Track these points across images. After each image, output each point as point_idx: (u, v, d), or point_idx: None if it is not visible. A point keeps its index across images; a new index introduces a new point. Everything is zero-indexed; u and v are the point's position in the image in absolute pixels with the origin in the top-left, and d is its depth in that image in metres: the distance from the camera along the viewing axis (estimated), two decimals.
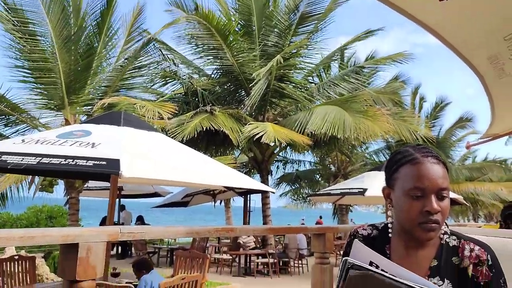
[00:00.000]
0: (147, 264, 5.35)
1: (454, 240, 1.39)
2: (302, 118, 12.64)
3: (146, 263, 5.42)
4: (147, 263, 5.44)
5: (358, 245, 1.02)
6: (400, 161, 1.38)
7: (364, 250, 1.04)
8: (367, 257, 1.01)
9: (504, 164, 26.99)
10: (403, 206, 1.34)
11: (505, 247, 1.67)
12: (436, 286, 0.89)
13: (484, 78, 4.39)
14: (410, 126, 13.33)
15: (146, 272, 5.05)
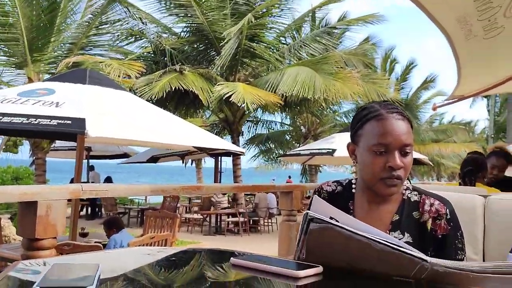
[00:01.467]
0: (118, 223, 5.31)
1: (415, 195, 1.42)
2: (273, 79, 12.57)
3: (117, 221, 5.38)
4: (118, 221, 5.39)
5: (318, 200, 1.02)
6: (365, 117, 1.39)
7: (324, 206, 1.05)
8: (327, 212, 1.02)
9: (468, 126, 27.80)
10: (367, 162, 1.35)
11: (462, 201, 1.73)
12: (394, 239, 0.91)
13: (452, 39, 4.42)
14: (379, 89, 13.44)
15: (116, 231, 5.03)
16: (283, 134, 21.20)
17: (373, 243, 0.86)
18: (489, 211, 1.70)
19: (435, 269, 0.84)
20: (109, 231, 5.13)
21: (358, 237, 0.88)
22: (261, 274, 0.91)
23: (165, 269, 0.97)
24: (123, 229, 5.14)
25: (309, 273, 0.89)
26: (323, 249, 0.96)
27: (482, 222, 1.70)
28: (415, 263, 0.85)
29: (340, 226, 0.90)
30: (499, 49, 4.42)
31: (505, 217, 1.64)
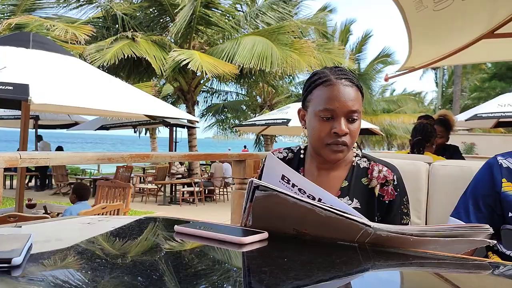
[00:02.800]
0: (82, 192, 5.04)
1: (364, 162, 1.44)
2: (230, 48, 12.39)
3: (82, 190, 5.11)
4: (83, 190, 5.11)
5: (272, 159, 1.01)
6: (314, 83, 1.38)
7: (278, 165, 1.04)
8: (280, 171, 1.01)
9: (418, 97, 28.72)
10: (313, 127, 1.35)
11: (408, 168, 1.78)
12: (341, 203, 0.91)
13: (403, 10, 4.47)
14: (335, 59, 13.55)
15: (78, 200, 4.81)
16: (239, 104, 21.11)
17: (318, 209, 0.86)
18: (433, 177, 1.76)
19: (378, 233, 0.85)
20: (74, 199, 4.92)
21: (302, 203, 0.87)
22: (205, 241, 0.89)
23: (103, 238, 0.93)
24: (85, 201, 4.93)
25: (254, 239, 0.88)
26: (269, 216, 0.95)
27: (426, 187, 1.76)
28: (359, 228, 0.86)
29: (285, 193, 0.89)
30: (448, 21, 4.52)
31: (447, 183, 1.70)
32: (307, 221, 0.91)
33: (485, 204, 1.41)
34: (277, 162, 0.98)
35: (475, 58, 7.93)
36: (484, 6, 4.20)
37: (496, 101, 8.60)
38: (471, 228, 0.91)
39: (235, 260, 0.82)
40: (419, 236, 0.86)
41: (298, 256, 0.83)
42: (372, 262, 0.82)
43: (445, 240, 0.88)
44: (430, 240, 0.88)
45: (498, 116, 8.08)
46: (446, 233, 0.88)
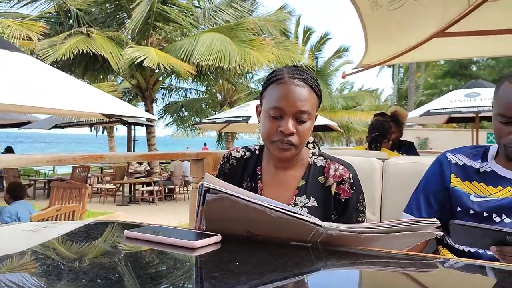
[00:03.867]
0: (18, 191, 4.81)
1: (321, 160, 1.45)
2: (188, 45, 12.25)
3: (18, 189, 4.86)
4: (18, 189, 4.87)
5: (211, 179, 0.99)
6: (270, 80, 1.38)
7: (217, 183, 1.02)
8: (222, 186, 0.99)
9: (374, 94, 29.45)
10: (264, 124, 1.36)
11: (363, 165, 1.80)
12: (289, 206, 0.91)
13: (359, 9, 4.56)
14: (293, 56, 13.66)
15: (13, 201, 4.58)
16: (198, 101, 20.92)
17: (269, 210, 0.85)
18: (387, 173, 1.79)
19: (329, 233, 0.85)
20: (10, 199, 4.69)
21: (253, 205, 0.86)
22: (156, 246, 0.87)
23: (47, 247, 0.89)
24: (22, 200, 4.70)
25: (206, 242, 0.86)
26: (222, 218, 0.94)
27: (380, 184, 1.80)
28: (311, 228, 0.86)
29: (235, 195, 0.88)
30: (402, 20, 4.63)
31: (400, 179, 1.74)
32: (260, 223, 0.91)
33: (435, 199, 1.45)
34: (216, 181, 0.96)
35: (428, 56, 8.16)
36: (435, 6, 4.34)
37: (447, 97, 8.89)
38: (419, 222, 0.93)
39: (186, 265, 0.80)
40: (369, 233, 0.87)
41: (250, 259, 0.82)
42: (324, 262, 0.83)
43: (394, 235, 0.89)
44: (381, 236, 0.89)
45: (449, 112, 8.35)
46: (395, 228, 0.89)
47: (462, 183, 1.42)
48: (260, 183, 1.45)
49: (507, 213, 1.32)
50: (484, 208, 1.34)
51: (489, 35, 4.61)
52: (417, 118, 9.37)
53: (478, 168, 1.43)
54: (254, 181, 1.46)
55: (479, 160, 1.44)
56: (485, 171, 1.41)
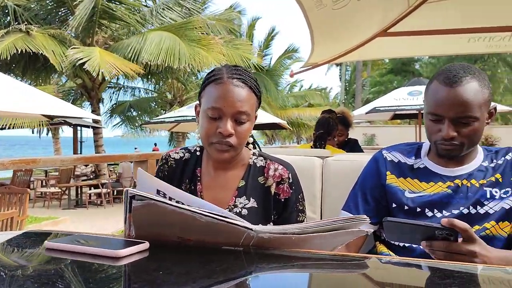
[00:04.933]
0: None
1: (261, 161, 1.44)
2: (135, 43, 11.97)
3: None
4: None
5: (143, 174, 0.95)
6: (208, 80, 1.35)
7: (150, 179, 0.99)
8: (154, 186, 0.96)
9: (323, 92, 30.01)
10: (202, 125, 1.33)
11: (304, 164, 1.81)
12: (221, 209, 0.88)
13: (304, 8, 4.60)
14: (243, 55, 13.66)
15: None
16: (148, 101, 20.51)
17: (198, 215, 0.83)
18: (327, 171, 1.81)
19: (260, 236, 0.84)
20: None
21: (181, 210, 0.84)
22: (78, 257, 0.82)
23: None
24: None
25: (131, 251, 0.82)
26: (151, 225, 0.90)
27: (320, 182, 1.81)
28: (242, 232, 0.84)
29: (162, 201, 0.85)
30: (346, 20, 4.71)
31: (340, 177, 1.76)
32: (190, 229, 0.88)
33: (372, 196, 1.47)
34: (149, 176, 0.93)
35: (372, 55, 8.39)
36: (377, 6, 4.45)
37: (391, 95, 9.20)
38: (350, 220, 0.93)
39: (107, 276, 0.76)
40: (301, 234, 0.86)
41: (177, 267, 0.79)
42: (254, 266, 0.81)
43: (326, 234, 0.89)
44: (313, 236, 0.89)
45: (394, 109, 8.65)
46: (326, 227, 0.89)
47: (397, 179, 1.45)
48: (199, 185, 1.42)
49: (438, 208, 1.35)
50: (417, 203, 1.38)
51: (428, 35, 4.79)
52: (363, 115, 9.64)
53: (412, 165, 1.46)
54: (193, 183, 1.43)
55: (412, 157, 1.48)
56: (418, 167, 1.45)
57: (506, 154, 1.41)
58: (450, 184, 1.37)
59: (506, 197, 1.33)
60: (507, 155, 1.40)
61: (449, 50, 6.65)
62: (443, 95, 1.31)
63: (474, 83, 1.30)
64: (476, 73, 1.32)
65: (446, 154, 1.37)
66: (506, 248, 1.32)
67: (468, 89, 1.28)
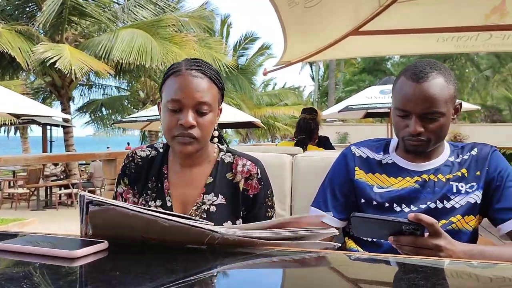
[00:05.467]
0: None
1: (229, 157, 1.42)
2: (107, 41, 11.74)
3: None
4: None
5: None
6: (168, 73, 1.33)
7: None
8: None
9: (297, 91, 30.22)
10: (163, 118, 1.31)
11: (274, 160, 1.80)
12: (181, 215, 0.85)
13: (276, 6, 4.60)
14: (216, 54, 13.59)
15: None
16: (120, 99, 20.19)
17: (160, 219, 0.80)
18: (296, 168, 1.80)
19: (225, 237, 0.82)
20: None
21: (143, 215, 0.80)
22: (31, 258, 0.78)
23: None
24: None
25: (88, 251, 0.79)
26: (110, 226, 0.87)
27: (290, 179, 1.80)
28: (206, 234, 0.81)
29: (122, 206, 0.81)
30: (319, 18, 4.73)
31: (309, 174, 1.75)
32: (153, 231, 0.85)
33: (341, 192, 1.47)
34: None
35: (345, 54, 8.46)
36: (349, 5, 4.48)
37: (364, 93, 9.31)
38: (316, 230, 0.92)
39: (60, 278, 0.72)
40: (266, 240, 0.85)
41: (136, 266, 0.76)
42: (218, 264, 0.79)
43: (292, 243, 0.88)
44: (279, 243, 0.87)
45: (366, 108, 8.75)
46: (293, 235, 0.88)
47: (365, 175, 1.45)
48: (166, 183, 1.39)
49: (406, 203, 1.36)
50: (386, 198, 1.38)
51: (399, 34, 4.86)
52: (336, 113, 9.72)
53: (380, 160, 1.46)
54: (160, 181, 1.40)
55: (381, 152, 1.49)
56: (386, 163, 1.45)
57: (472, 149, 1.42)
58: (418, 179, 1.38)
59: (472, 191, 1.35)
60: (473, 150, 1.42)
61: (419, 49, 6.77)
62: (410, 90, 1.31)
63: (440, 79, 1.31)
64: (442, 69, 1.33)
65: (414, 150, 1.37)
66: (471, 241, 1.34)
67: (434, 84, 1.29)
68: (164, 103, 1.31)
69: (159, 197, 1.38)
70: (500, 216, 1.31)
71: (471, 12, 4.59)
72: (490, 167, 1.36)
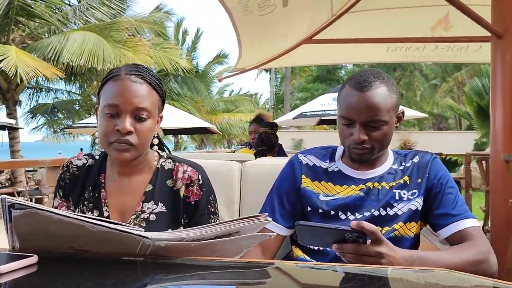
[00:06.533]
0: None
1: (169, 163, 1.39)
2: (57, 43, 11.36)
3: None
4: None
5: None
6: (106, 77, 1.29)
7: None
8: None
9: (254, 97, 30.36)
10: (100, 124, 1.26)
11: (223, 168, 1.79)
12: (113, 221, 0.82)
13: (231, 13, 4.60)
14: (172, 58, 13.44)
15: None
16: (71, 103, 19.53)
17: (87, 224, 0.76)
18: (245, 175, 1.79)
19: (157, 244, 0.79)
20: None
21: (69, 219, 0.76)
22: None
23: None
24: None
25: (14, 266, 0.74)
26: (39, 235, 0.82)
27: (238, 186, 1.79)
28: (137, 240, 0.78)
29: (46, 210, 0.77)
30: (273, 26, 4.78)
31: (257, 181, 1.75)
32: (82, 238, 0.81)
33: (288, 200, 1.47)
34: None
35: (299, 61, 8.60)
36: (303, 13, 4.55)
37: (318, 101, 9.48)
38: (250, 220, 0.90)
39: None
40: (200, 240, 0.82)
41: (66, 281, 0.72)
42: (150, 278, 0.76)
43: (227, 239, 0.85)
44: (214, 242, 0.84)
45: (320, 115, 8.90)
46: (226, 229, 0.85)
47: (312, 183, 1.46)
48: (103, 192, 1.34)
49: (351, 211, 1.38)
50: (331, 206, 1.39)
51: (351, 43, 4.98)
52: (291, 120, 9.83)
53: (327, 168, 1.48)
54: (97, 190, 1.35)
55: (327, 160, 1.50)
56: (332, 170, 1.47)
57: (414, 157, 1.46)
58: (363, 187, 1.40)
59: (413, 198, 1.38)
60: (415, 158, 1.46)
61: (371, 58, 6.97)
62: (353, 99, 1.33)
63: (383, 88, 1.33)
64: (385, 79, 1.36)
65: (358, 158, 1.39)
66: (413, 247, 1.38)
67: (377, 93, 1.32)
68: (101, 108, 1.26)
69: (96, 207, 1.33)
70: (440, 222, 1.36)
71: (418, 24, 4.78)
72: (430, 174, 1.41)
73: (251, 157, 3.42)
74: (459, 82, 22.84)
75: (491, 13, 3.42)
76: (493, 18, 3.39)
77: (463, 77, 21.74)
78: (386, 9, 4.73)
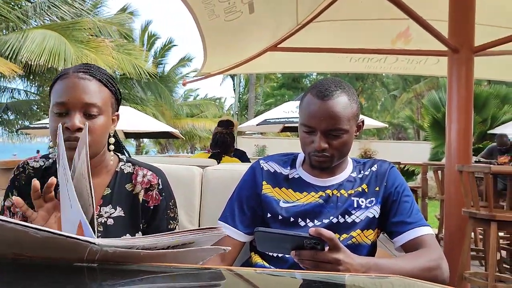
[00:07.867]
0: None
1: (129, 167, 1.37)
2: (15, 40, 10.99)
3: None
4: None
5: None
6: (55, 78, 1.27)
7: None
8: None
9: (218, 102, 30.32)
10: (49, 124, 1.23)
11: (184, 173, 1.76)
12: None
13: (196, 17, 4.58)
14: (135, 61, 13.24)
15: None
16: (28, 103, 18.86)
17: (31, 230, 0.72)
18: (206, 181, 1.78)
19: (105, 250, 0.76)
20: None
21: (11, 225, 0.72)
22: None
23: None
24: None
25: None
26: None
27: (199, 191, 1.77)
28: (84, 246, 0.75)
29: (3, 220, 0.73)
30: (239, 32, 4.78)
31: (219, 187, 1.73)
32: (26, 245, 0.77)
33: (248, 206, 1.47)
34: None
35: (264, 68, 8.65)
36: (268, 21, 4.58)
37: (281, 108, 9.56)
38: (204, 232, 0.88)
39: None
40: (151, 249, 0.80)
41: None
42: (97, 284, 0.73)
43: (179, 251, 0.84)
44: (164, 253, 0.82)
45: (283, 122, 8.98)
46: (180, 239, 0.83)
47: (272, 189, 1.46)
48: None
49: (310, 218, 1.39)
50: (291, 213, 1.40)
51: (315, 52, 5.05)
52: (255, 126, 9.86)
53: (287, 175, 1.49)
54: None
55: (288, 167, 1.51)
56: (293, 177, 1.48)
57: (372, 166, 1.49)
58: (322, 194, 1.42)
59: (371, 206, 1.41)
60: (373, 167, 1.49)
61: (334, 68, 7.10)
62: (315, 107, 1.35)
63: (344, 97, 1.36)
64: (346, 88, 1.38)
65: (318, 166, 1.41)
66: (370, 254, 1.40)
67: (338, 102, 1.34)
68: (50, 108, 1.24)
69: None
70: (396, 230, 1.38)
71: (380, 36, 4.91)
72: (387, 183, 1.44)
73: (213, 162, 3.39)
74: (418, 94, 23.60)
75: (448, 29, 3.55)
76: (450, 33, 3.52)
77: (422, 89, 22.50)
78: (350, 20, 4.83)
